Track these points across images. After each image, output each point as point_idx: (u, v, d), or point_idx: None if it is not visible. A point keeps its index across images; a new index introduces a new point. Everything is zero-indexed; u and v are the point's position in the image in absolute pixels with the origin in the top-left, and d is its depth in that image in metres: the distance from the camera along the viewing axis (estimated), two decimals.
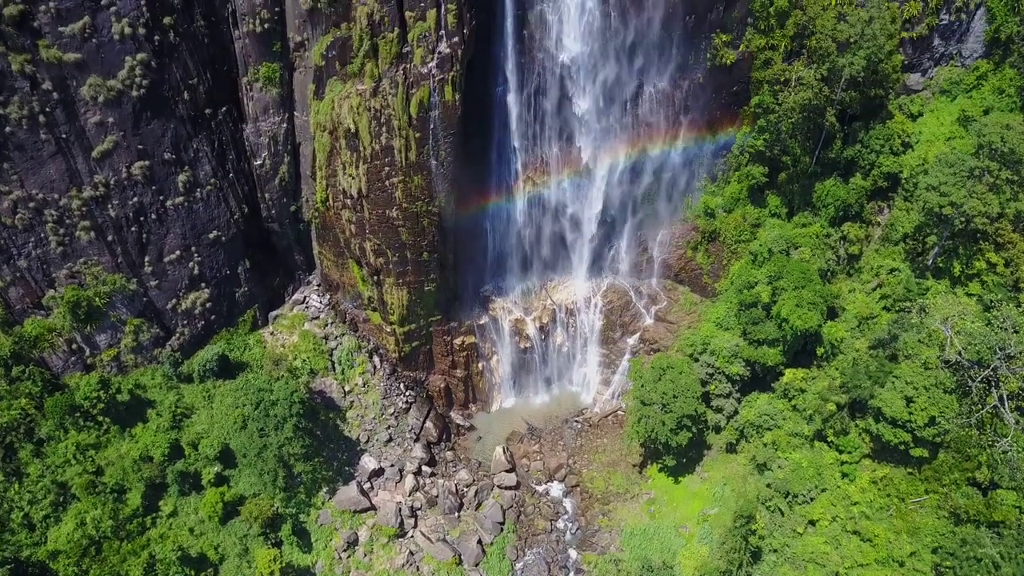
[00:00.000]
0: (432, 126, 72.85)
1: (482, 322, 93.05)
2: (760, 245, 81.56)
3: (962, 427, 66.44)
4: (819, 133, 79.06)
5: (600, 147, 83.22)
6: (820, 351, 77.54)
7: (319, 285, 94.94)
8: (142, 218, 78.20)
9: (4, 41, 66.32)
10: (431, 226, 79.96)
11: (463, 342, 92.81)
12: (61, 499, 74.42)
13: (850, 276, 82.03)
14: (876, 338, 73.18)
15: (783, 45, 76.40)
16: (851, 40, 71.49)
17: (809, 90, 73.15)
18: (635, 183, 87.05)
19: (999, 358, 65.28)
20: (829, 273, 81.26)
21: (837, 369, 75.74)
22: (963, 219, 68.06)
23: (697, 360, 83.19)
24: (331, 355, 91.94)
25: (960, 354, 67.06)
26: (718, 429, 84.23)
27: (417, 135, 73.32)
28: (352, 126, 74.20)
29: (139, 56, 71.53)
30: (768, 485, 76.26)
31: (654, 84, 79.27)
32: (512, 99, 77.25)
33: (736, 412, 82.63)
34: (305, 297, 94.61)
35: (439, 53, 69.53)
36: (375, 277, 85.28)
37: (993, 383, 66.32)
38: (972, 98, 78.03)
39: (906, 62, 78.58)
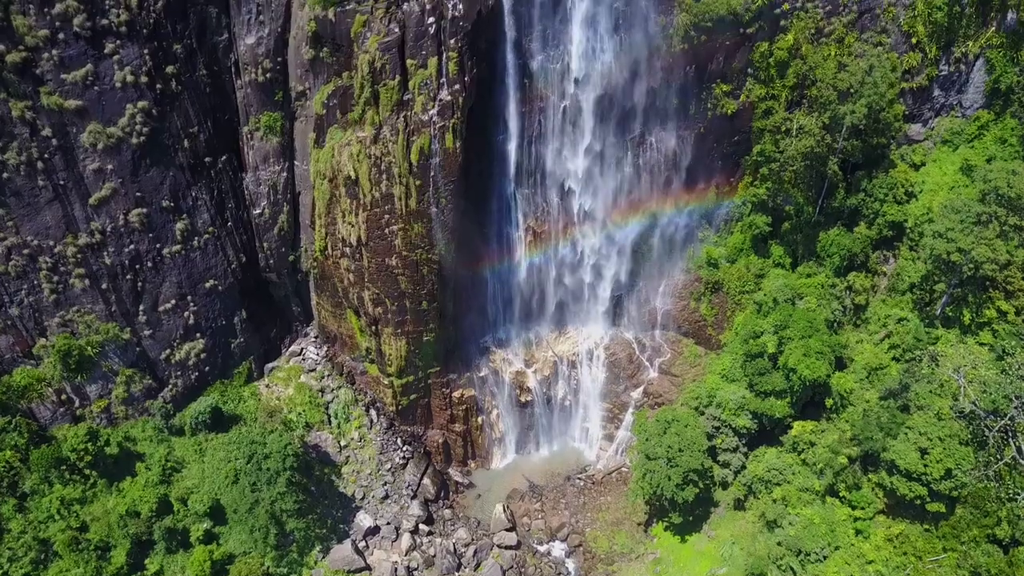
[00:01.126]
0: (432, 173, 72.42)
1: (482, 374, 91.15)
2: (765, 295, 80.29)
3: (979, 480, 63.99)
4: (822, 182, 78.64)
5: (601, 197, 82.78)
6: (829, 403, 75.50)
7: (316, 337, 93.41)
8: (138, 266, 77.18)
9: (5, 87, 66.43)
10: (431, 274, 78.86)
11: (462, 395, 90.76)
12: (43, 556, 71.45)
13: (857, 327, 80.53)
14: (887, 388, 71.24)
15: (784, 95, 76.56)
16: (852, 89, 71.57)
17: (811, 138, 72.96)
18: (637, 233, 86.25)
19: (1016, 407, 63.29)
20: (835, 324, 79.77)
21: (847, 421, 73.59)
22: (972, 266, 66.92)
23: (703, 413, 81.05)
24: (327, 408, 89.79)
25: (975, 404, 65.09)
26: (725, 485, 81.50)
27: (417, 182, 72.83)
28: (352, 173, 73.80)
29: (140, 104, 71.64)
30: (779, 543, 73.22)
31: (655, 134, 79.20)
32: (513, 148, 77.10)
33: (743, 467, 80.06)
34: (302, 349, 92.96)
35: (440, 100, 69.54)
36: (373, 327, 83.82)
37: (1010, 433, 64.16)
38: (974, 148, 77.73)
39: (907, 112, 78.61)
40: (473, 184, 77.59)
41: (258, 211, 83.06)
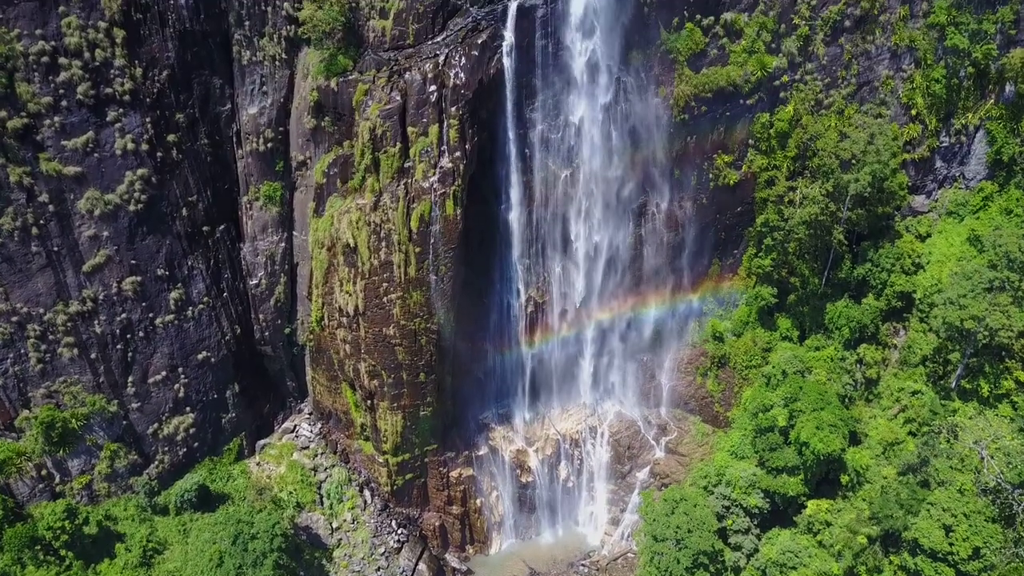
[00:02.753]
0: (432, 240, 71.45)
1: (481, 453, 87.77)
2: (773, 367, 78.03)
3: (1010, 559, 60.14)
4: (827, 253, 77.60)
5: (602, 268, 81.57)
6: (845, 479, 72.11)
7: (311, 413, 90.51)
8: (129, 336, 75.28)
9: (4, 153, 66.24)
10: (429, 345, 76.84)
11: (460, 475, 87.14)
12: None
13: (869, 402, 77.91)
14: (905, 463, 68.14)
15: (785, 165, 76.42)
16: (855, 158, 71.36)
17: (815, 205, 72.30)
18: (640, 305, 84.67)
19: None
20: (847, 399, 77.18)
21: (865, 499, 70.09)
22: (986, 333, 64.97)
23: (712, 492, 77.41)
24: (319, 488, 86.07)
25: (999, 477, 61.88)
26: (737, 570, 76.95)
27: (417, 250, 71.78)
28: (351, 240, 72.86)
29: (140, 171, 71.33)
30: None
31: (657, 204, 78.69)
32: (514, 217, 76.43)
33: (756, 550, 75.79)
34: (295, 426, 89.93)
35: (441, 168, 69.24)
36: (368, 401, 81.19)
37: None
38: (980, 219, 77.02)
39: (910, 183, 78.32)
40: (474, 253, 76.57)
41: (255, 282, 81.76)
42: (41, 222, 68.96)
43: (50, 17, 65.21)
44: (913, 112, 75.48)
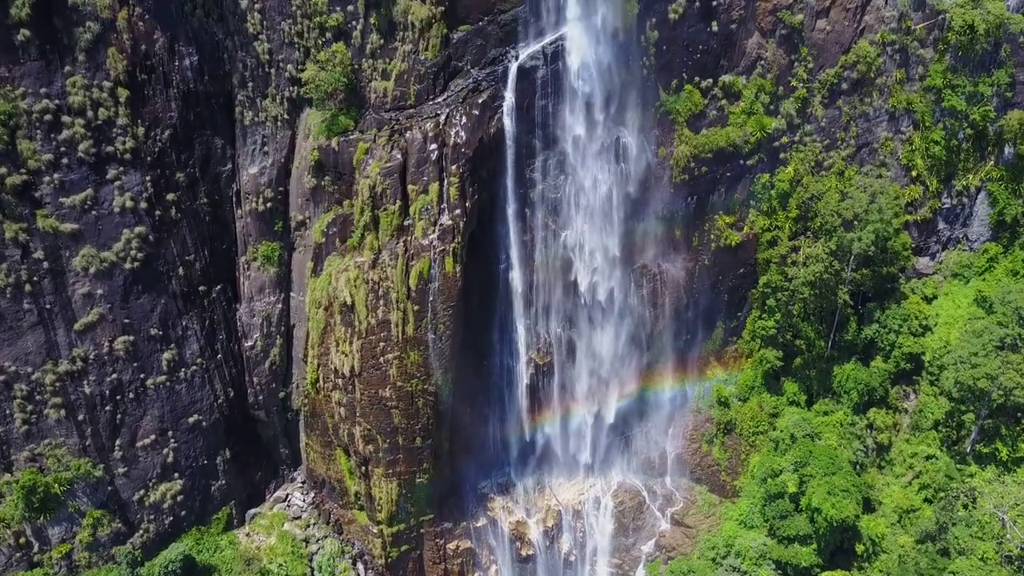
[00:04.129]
0: (431, 298, 70.40)
1: (479, 524, 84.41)
2: (781, 432, 75.80)
3: None
4: (832, 314, 76.42)
5: (604, 329, 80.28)
6: (860, 549, 69.03)
7: (304, 482, 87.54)
8: (119, 397, 73.37)
9: (2, 209, 65.91)
10: (426, 408, 74.80)
11: (457, 547, 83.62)
12: None
13: (881, 469, 75.44)
14: (923, 531, 65.34)
15: (787, 226, 76.00)
16: (856, 218, 71.00)
17: (819, 263, 71.47)
18: (642, 369, 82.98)
19: None
20: (858, 466, 74.72)
21: (882, 570, 67.02)
22: (1001, 393, 63.12)
23: (720, 564, 74.14)
24: (311, 560, 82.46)
25: (1023, 545, 58.98)
26: None
27: (416, 308, 70.66)
28: (348, 299, 71.80)
29: (138, 229, 70.87)
30: None
31: (658, 265, 77.99)
32: (515, 276, 75.61)
33: None
34: (288, 495, 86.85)
35: (441, 225, 68.82)
36: (363, 468, 78.54)
37: None
38: (986, 280, 76.17)
39: (914, 245, 77.76)
40: (474, 313, 75.41)
41: (250, 343, 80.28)
42: (35, 279, 68.09)
43: (55, 76, 65.91)
44: (913, 173, 75.57)
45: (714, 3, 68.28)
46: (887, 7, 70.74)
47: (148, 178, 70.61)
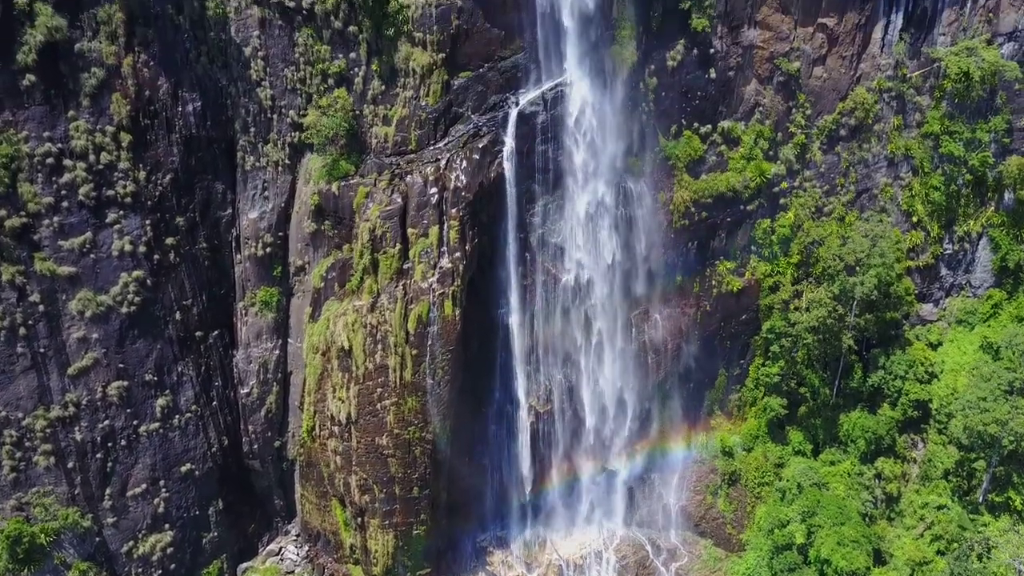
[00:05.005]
0: (430, 342, 69.60)
1: None
2: (787, 481, 74.07)
3: None
4: (837, 361, 75.46)
5: (605, 377, 79.18)
6: None
7: (298, 535, 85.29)
8: (110, 444, 71.87)
9: (0, 252, 65.62)
10: (423, 456, 73.25)
11: None
12: None
13: (891, 521, 73.45)
14: None
15: (789, 272, 75.64)
16: (859, 262, 70.64)
17: (823, 308, 70.81)
18: (645, 418, 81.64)
19: None
20: (868, 517, 72.78)
21: None
22: (1012, 439, 61.73)
23: None
24: None
25: None
26: None
27: (414, 352, 69.79)
28: (346, 343, 70.96)
29: (135, 273, 70.36)
30: None
31: (659, 311, 77.37)
32: (514, 321, 74.95)
33: None
34: (281, 548, 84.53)
35: (440, 268, 68.48)
36: (359, 519, 76.55)
37: None
38: (991, 327, 75.46)
39: (917, 291, 77.25)
40: (473, 358, 74.52)
41: (246, 390, 79.10)
42: (30, 322, 67.27)
43: (59, 120, 66.27)
44: (914, 219, 75.62)
45: (711, 51, 69.21)
46: (883, 55, 71.70)
47: (148, 222, 70.46)
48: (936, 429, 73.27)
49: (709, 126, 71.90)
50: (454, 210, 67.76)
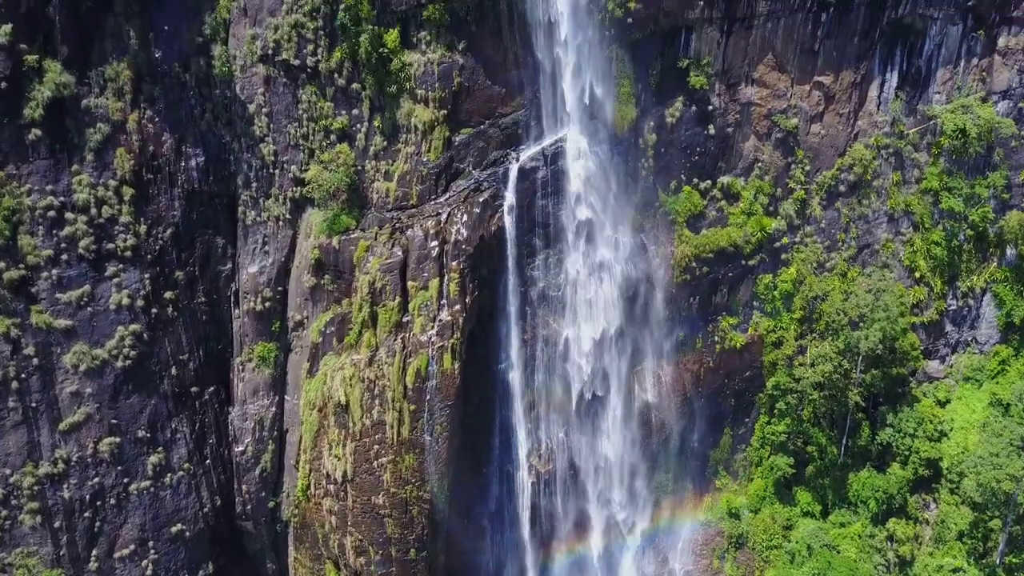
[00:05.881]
0: (428, 397, 68.47)
1: None
2: (797, 543, 71.79)
3: None
4: (844, 419, 74.03)
5: (607, 435, 77.71)
6: None
7: None
8: (99, 502, 69.91)
9: None
10: (421, 516, 71.25)
11: None
12: None
13: None
14: None
15: (792, 327, 74.93)
16: (862, 317, 70.00)
17: (828, 363, 69.80)
18: (649, 479, 79.72)
19: None
20: None
21: None
22: None
23: None
24: None
25: None
26: None
27: (412, 407, 68.59)
28: (343, 398, 69.83)
29: (132, 327, 69.67)
30: None
31: (662, 366, 76.41)
32: (515, 377, 73.97)
33: None
34: None
35: (440, 321, 67.88)
36: None
37: None
38: (999, 383, 74.29)
39: (923, 348, 76.36)
40: (472, 415, 73.25)
41: (241, 448, 77.42)
42: (23, 376, 66.26)
43: (62, 174, 66.62)
44: (917, 275, 75.31)
45: (710, 107, 70.09)
46: (879, 112, 72.59)
47: (147, 276, 70.10)
48: (948, 489, 71.42)
49: (709, 181, 72.28)
50: (454, 263, 67.55)
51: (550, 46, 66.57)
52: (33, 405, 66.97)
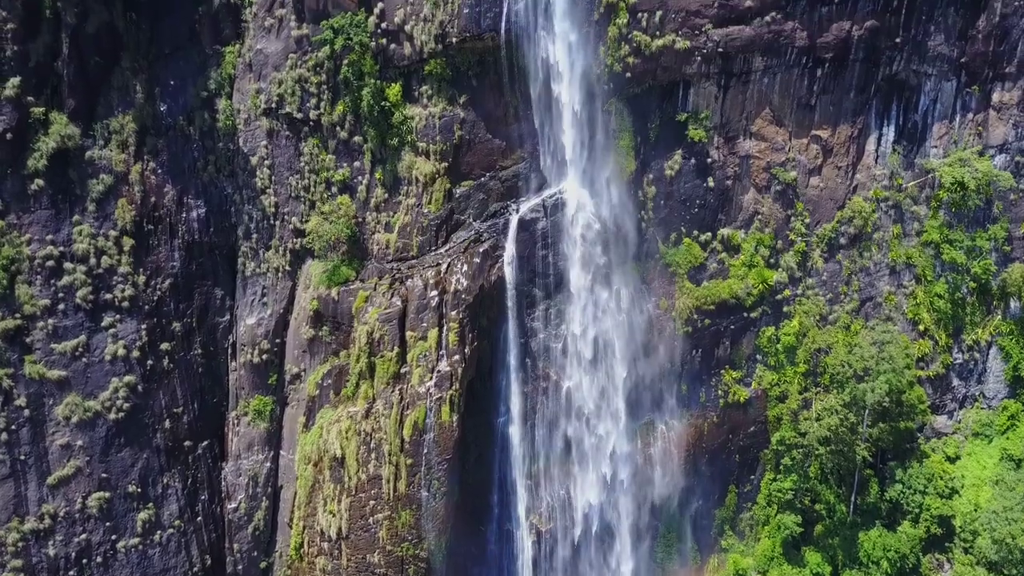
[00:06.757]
0: (426, 450, 66.93)
1: None
2: None
3: None
4: (852, 474, 72.18)
5: (609, 491, 75.58)
6: None
7: None
8: (85, 560, 67.90)
9: None
10: None
11: None
12: None
13: None
14: None
15: (796, 380, 73.78)
16: (867, 370, 68.96)
17: (834, 416, 68.38)
18: (652, 538, 77.28)
19: None
20: None
21: None
22: None
23: None
24: None
25: None
26: None
27: (409, 461, 66.99)
28: (339, 452, 68.31)
29: (127, 378, 68.84)
30: None
31: (665, 422, 74.89)
32: (515, 431, 72.41)
33: None
34: None
35: (438, 371, 66.87)
36: None
37: None
38: (1010, 439, 72.72)
39: (930, 403, 75.01)
40: (471, 471, 71.42)
41: (233, 505, 75.39)
42: (13, 428, 65.23)
43: (63, 224, 66.85)
44: (921, 328, 74.45)
45: (709, 160, 70.49)
46: (877, 166, 72.96)
47: (144, 327, 69.60)
48: (962, 548, 69.11)
49: (709, 233, 72.11)
50: (454, 312, 66.96)
51: (550, 100, 67.40)
52: (22, 458, 65.63)
